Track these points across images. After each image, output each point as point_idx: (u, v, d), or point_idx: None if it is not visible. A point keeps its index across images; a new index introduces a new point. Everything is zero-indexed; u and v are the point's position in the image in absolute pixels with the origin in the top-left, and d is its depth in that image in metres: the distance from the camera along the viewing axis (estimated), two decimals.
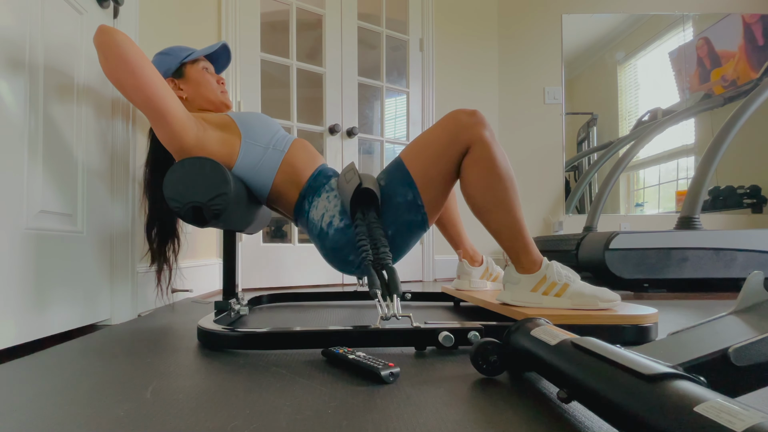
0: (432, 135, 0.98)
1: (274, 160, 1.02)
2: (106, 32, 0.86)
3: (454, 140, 0.95)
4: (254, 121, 1.04)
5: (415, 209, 0.97)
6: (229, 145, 0.99)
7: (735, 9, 2.93)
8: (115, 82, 0.88)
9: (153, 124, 0.93)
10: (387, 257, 0.88)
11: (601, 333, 0.84)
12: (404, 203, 0.96)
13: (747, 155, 2.90)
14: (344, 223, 0.97)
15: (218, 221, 0.92)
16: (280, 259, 2.14)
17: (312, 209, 1.02)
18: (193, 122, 0.97)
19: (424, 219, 0.98)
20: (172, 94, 0.93)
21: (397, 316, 0.79)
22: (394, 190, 0.97)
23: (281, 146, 1.04)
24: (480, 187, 0.95)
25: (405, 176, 0.97)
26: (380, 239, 0.90)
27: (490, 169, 0.94)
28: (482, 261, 1.40)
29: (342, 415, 0.49)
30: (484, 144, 0.94)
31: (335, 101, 2.31)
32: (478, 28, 2.82)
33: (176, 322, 1.11)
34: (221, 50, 1.20)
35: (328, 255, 1.02)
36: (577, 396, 0.44)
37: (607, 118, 2.93)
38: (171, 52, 1.11)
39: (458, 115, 0.96)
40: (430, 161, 0.96)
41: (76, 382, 0.61)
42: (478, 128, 0.94)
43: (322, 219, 0.99)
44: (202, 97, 1.11)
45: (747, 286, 0.54)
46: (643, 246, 1.84)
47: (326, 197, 1.01)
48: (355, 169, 0.98)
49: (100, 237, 1.04)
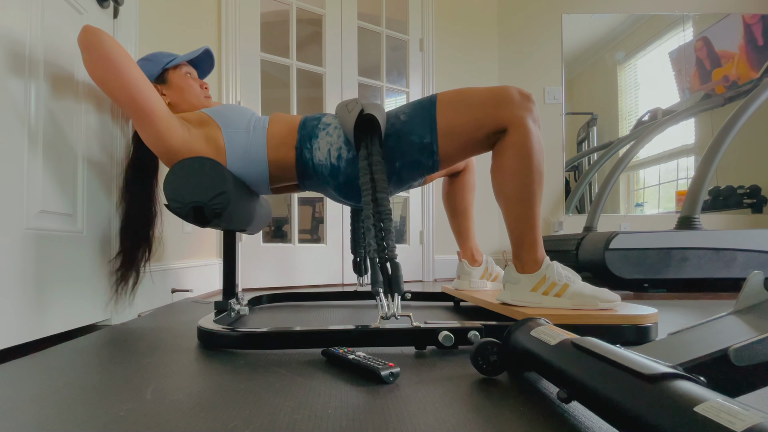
0: (477, 96, 0.94)
1: (260, 138, 1.00)
2: (91, 32, 0.86)
3: (498, 113, 0.92)
4: (228, 111, 1.03)
5: (429, 153, 0.94)
6: (213, 141, 0.98)
7: (735, 9, 2.93)
8: (99, 82, 0.88)
9: (138, 124, 0.92)
10: (393, 250, 0.85)
11: (601, 333, 0.84)
12: (419, 143, 0.94)
13: (747, 155, 2.90)
14: (352, 154, 0.95)
15: (220, 220, 0.92)
16: (280, 259, 2.14)
17: (315, 153, 0.98)
18: (178, 123, 0.96)
19: (435, 165, 0.96)
20: (156, 95, 0.92)
21: (396, 315, 0.79)
22: (413, 128, 0.94)
23: (261, 124, 1.02)
24: (509, 173, 0.93)
25: (430, 120, 0.94)
26: (389, 230, 0.85)
27: (524, 157, 0.92)
28: (482, 261, 1.40)
29: (342, 415, 0.49)
30: (525, 129, 0.91)
31: (335, 101, 2.31)
32: (478, 28, 2.82)
33: (176, 322, 1.11)
34: (204, 55, 1.19)
35: (344, 190, 0.98)
36: (577, 396, 0.44)
37: (607, 118, 2.93)
38: (153, 58, 1.10)
39: (511, 90, 0.93)
40: (463, 119, 0.93)
41: (76, 382, 0.61)
42: (524, 111, 0.92)
43: (329, 155, 0.96)
44: (185, 102, 1.10)
45: (747, 286, 0.54)
46: (643, 246, 1.84)
47: (325, 133, 0.98)
48: (357, 99, 0.94)
49: (100, 237, 1.04)
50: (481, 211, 2.78)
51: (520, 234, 0.95)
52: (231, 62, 2.01)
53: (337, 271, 2.30)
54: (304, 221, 3.17)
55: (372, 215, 0.85)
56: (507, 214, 0.97)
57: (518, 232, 0.95)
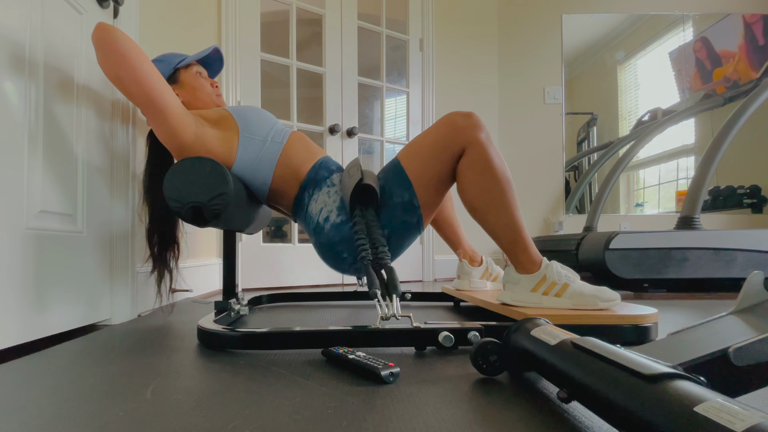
0: (428, 137, 0.98)
1: (273, 153, 1.01)
2: (105, 29, 0.86)
3: (450, 142, 0.95)
4: (252, 115, 1.04)
5: (411, 210, 0.96)
6: (227, 141, 0.99)
7: (735, 9, 2.93)
8: (114, 78, 0.88)
9: (152, 121, 0.92)
10: (386, 256, 0.88)
11: (601, 333, 0.84)
12: (401, 204, 0.96)
13: (747, 155, 2.90)
14: (341, 219, 0.97)
15: (218, 221, 0.92)
16: (280, 259, 2.14)
17: (312, 202, 1.01)
18: (192, 119, 0.96)
19: (420, 221, 0.98)
20: (170, 91, 0.93)
21: (396, 316, 0.79)
22: (391, 190, 0.97)
23: (279, 138, 1.03)
24: (476, 189, 0.95)
25: (402, 177, 0.97)
26: (379, 238, 0.90)
27: (486, 171, 0.94)
28: (482, 261, 1.40)
29: (342, 415, 0.49)
30: (479, 146, 0.94)
31: (335, 101, 2.31)
32: (478, 28, 2.82)
33: (176, 322, 1.11)
34: (213, 55, 1.20)
35: (322, 250, 1.01)
36: (577, 396, 0.44)
37: (607, 118, 2.93)
38: (164, 59, 1.11)
39: (454, 117, 0.96)
40: (426, 162, 0.96)
41: (76, 382, 0.61)
42: (473, 130, 0.94)
43: (320, 213, 0.99)
44: (198, 101, 1.11)
45: (747, 286, 0.54)
46: (643, 246, 1.84)
47: (327, 192, 1.00)
48: (359, 164, 0.97)
49: (100, 237, 1.04)
50: None
51: (509, 241, 0.96)
52: (231, 62, 2.00)
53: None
54: None
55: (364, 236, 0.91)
56: (487, 227, 0.98)
57: (506, 239, 0.97)
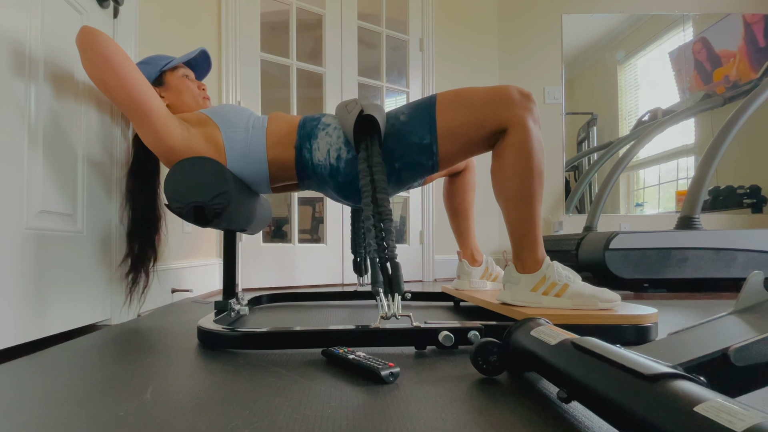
0: (477, 96, 0.93)
1: (259, 138, 1.00)
2: (89, 32, 0.86)
3: (497, 113, 0.91)
4: (226, 111, 1.03)
5: (428, 154, 0.94)
6: (213, 140, 0.98)
7: (735, 9, 2.93)
8: (98, 82, 0.88)
9: (137, 125, 0.92)
10: (393, 250, 0.85)
11: (601, 333, 0.84)
12: (418, 144, 0.93)
13: (747, 155, 2.90)
14: (352, 154, 0.94)
15: (220, 220, 0.92)
16: (280, 259, 2.14)
17: (314, 153, 0.98)
18: (177, 123, 0.96)
19: (435, 166, 0.95)
20: (154, 95, 0.92)
21: (396, 315, 0.79)
22: (413, 128, 0.93)
23: (260, 123, 1.02)
24: (509, 173, 0.93)
25: (430, 120, 0.93)
26: (389, 230, 0.85)
27: (525, 158, 0.92)
28: (482, 261, 1.40)
29: (342, 415, 0.49)
30: (525, 130, 0.91)
31: (335, 101, 2.31)
32: (478, 28, 2.82)
33: (176, 322, 1.11)
34: (201, 57, 1.19)
35: (344, 191, 0.98)
36: (577, 396, 0.44)
37: (607, 118, 2.93)
38: (150, 61, 1.10)
39: (511, 90, 0.92)
40: (463, 120, 0.92)
41: (76, 382, 0.61)
42: (524, 111, 0.91)
43: (329, 155, 0.96)
44: (184, 104, 1.10)
45: (747, 286, 0.54)
46: (643, 246, 1.84)
47: (324, 134, 0.98)
48: (357, 99, 0.94)
49: (100, 237, 1.04)
50: (481, 211, 2.78)
51: (521, 234, 0.95)
52: (231, 62, 2.01)
53: (337, 271, 2.30)
54: (304, 221, 3.17)
55: (372, 216, 0.85)
56: (507, 214, 0.96)
57: (519, 232, 0.95)
